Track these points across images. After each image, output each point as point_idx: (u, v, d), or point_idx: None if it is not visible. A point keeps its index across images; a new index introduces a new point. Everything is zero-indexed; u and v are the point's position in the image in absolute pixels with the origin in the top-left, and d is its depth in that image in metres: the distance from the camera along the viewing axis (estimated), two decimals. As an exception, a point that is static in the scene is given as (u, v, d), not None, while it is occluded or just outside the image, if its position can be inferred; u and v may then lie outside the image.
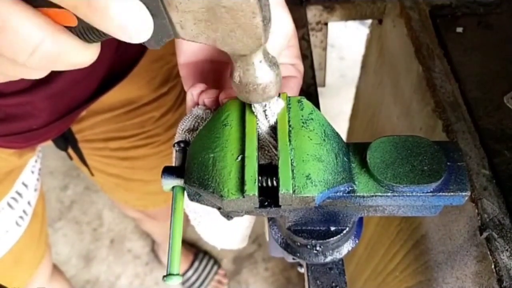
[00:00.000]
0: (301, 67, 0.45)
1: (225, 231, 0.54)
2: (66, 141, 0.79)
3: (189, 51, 0.43)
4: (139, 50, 0.72)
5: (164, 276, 0.33)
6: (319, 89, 0.66)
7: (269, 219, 0.47)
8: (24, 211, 0.75)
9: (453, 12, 0.65)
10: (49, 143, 0.76)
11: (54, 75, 0.58)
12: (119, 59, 0.67)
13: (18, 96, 0.58)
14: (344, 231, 0.42)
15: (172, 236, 0.35)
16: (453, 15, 0.65)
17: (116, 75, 0.69)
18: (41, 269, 0.89)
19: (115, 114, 0.78)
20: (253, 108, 0.34)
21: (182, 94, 0.86)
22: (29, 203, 0.76)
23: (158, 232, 1.46)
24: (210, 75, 0.44)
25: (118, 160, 0.88)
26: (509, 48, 0.60)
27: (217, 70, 0.44)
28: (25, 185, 0.74)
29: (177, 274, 0.34)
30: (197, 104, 0.41)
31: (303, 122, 0.35)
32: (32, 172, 0.76)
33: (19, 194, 0.73)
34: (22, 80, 0.56)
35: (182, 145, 0.39)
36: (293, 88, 0.43)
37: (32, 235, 0.81)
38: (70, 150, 0.83)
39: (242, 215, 0.39)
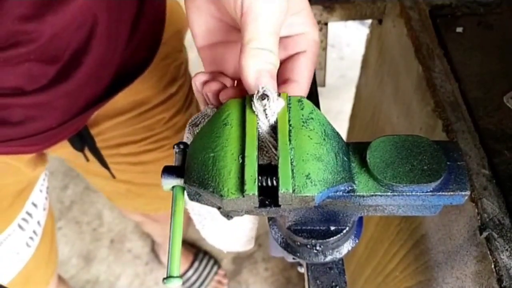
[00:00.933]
0: (312, 35, 0.37)
1: (230, 233, 0.54)
2: (83, 142, 0.77)
3: (201, 34, 0.41)
4: (150, 48, 0.71)
5: (164, 279, 0.33)
6: (319, 89, 0.65)
7: (269, 219, 0.47)
8: (34, 232, 0.75)
9: (453, 12, 0.65)
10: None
11: (71, 71, 0.57)
12: (129, 57, 0.66)
13: (38, 94, 0.56)
14: (344, 231, 0.42)
15: (172, 237, 0.35)
16: (453, 15, 0.65)
17: (128, 74, 0.68)
18: (50, 286, 0.89)
19: (125, 118, 0.77)
20: (253, 108, 0.34)
21: (190, 95, 0.86)
22: (38, 223, 0.76)
23: (159, 234, 1.46)
24: (226, 56, 0.42)
25: (129, 165, 0.87)
26: (509, 48, 0.60)
27: (232, 51, 0.42)
28: (35, 205, 0.74)
29: (177, 276, 0.33)
30: (201, 93, 0.42)
31: (303, 122, 0.35)
32: (41, 191, 0.76)
33: (29, 215, 0.73)
34: (44, 77, 0.55)
35: (182, 146, 0.39)
36: (301, 66, 0.37)
37: (42, 254, 0.81)
38: (87, 152, 0.81)
39: (242, 215, 0.38)
